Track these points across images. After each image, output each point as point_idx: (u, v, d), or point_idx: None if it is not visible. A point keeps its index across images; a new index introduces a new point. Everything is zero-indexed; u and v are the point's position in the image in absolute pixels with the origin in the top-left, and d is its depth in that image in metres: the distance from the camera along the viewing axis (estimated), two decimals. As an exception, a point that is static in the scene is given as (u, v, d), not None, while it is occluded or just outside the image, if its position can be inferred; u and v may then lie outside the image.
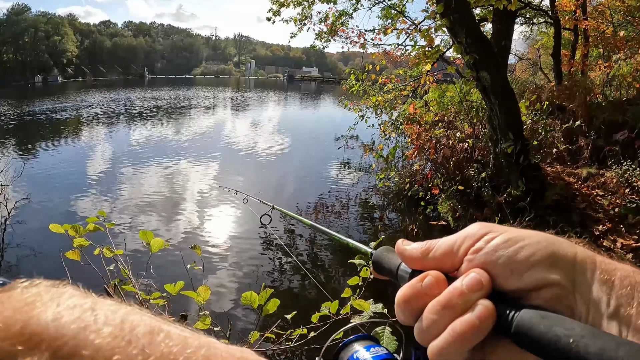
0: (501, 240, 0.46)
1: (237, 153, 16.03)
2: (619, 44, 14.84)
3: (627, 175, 8.02)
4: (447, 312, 0.44)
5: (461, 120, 10.13)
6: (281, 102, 47.49)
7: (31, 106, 28.77)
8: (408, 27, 11.22)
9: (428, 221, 8.88)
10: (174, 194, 10.48)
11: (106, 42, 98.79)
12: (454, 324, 0.43)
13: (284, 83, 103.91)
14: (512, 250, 0.45)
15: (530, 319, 0.41)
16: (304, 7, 11.87)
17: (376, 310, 1.83)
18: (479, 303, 0.43)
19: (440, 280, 0.47)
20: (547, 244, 0.45)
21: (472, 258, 0.47)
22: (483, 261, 0.46)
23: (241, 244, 7.87)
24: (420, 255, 0.51)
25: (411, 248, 0.52)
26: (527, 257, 0.44)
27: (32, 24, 72.90)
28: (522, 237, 0.46)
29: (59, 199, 9.71)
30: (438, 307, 0.45)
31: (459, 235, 0.49)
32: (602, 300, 0.42)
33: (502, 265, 0.45)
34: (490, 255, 0.46)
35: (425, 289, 0.47)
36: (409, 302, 0.48)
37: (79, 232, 2.19)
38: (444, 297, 0.45)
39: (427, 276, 0.48)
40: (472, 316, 0.42)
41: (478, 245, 0.47)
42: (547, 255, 0.44)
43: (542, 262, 0.44)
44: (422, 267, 0.51)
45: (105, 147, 16.27)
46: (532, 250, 0.45)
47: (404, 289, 0.48)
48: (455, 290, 0.44)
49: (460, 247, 0.48)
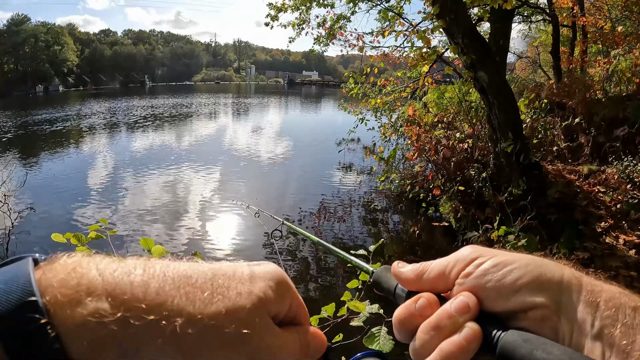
0: (490, 264, 0.49)
1: (239, 159, 16.03)
2: (618, 39, 14.80)
3: (628, 171, 8.00)
4: (437, 333, 0.47)
5: (461, 121, 10.13)
6: (282, 107, 47.43)
7: (33, 116, 28.83)
8: (406, 29, 11.21)
9: (430, 222, 8.88)
10: (175, 202, 10.50)
11: (106, 51, 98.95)
12: (443, 344, 0.46)
13: (285, 87, 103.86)
14: (500, 274, 0.47)
15: (513, 341, 0.43)
16: (301, 12, 11.89)
17: (372, 311, 1.85)
18: (467, 325, 0.46)
19: (432, 301, 0.50)
20: (534, 267, 0.47)
21: (462, 282, 0.50)
22: (472, 285, 0.49)
23: (242, 250, 7.89)
24: (415, 278, 0.53)
25: (406, 270, 0.54)
26: (514, 280, 0.47)
27: (32, 34, 73.05)
28: (510, 261, 0.48)
29: (62, 208, 9.75)
30: (429, 328, 0.48)
31: (451, 258, 0.52)
32: (587, 321, 0.44)
33: (490, 288, 0.48)
34: (479, 279, 0.48)
35: (418, 310, 0.50)
36: (404, 322, 0.51)
37: (81, 241, 2.20)
38: (434, 319, 0.48)
39: (421, 298, 0.50)
40: (459, 338, 0.45)
41: (468, 270, 0.49)
42: (533, 278, 0.46)
43: (528, 285, 0.46)
44: (417, 289, 0.53)
45: (106, 156, 16.31)
46: (519, 274, 0.47)
47: (399, 310, 0.51)
48: (444, 313, 0.47)
49: (451, 271, 0.51)
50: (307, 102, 56.68)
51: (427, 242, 8.40)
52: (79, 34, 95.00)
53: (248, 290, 0.41)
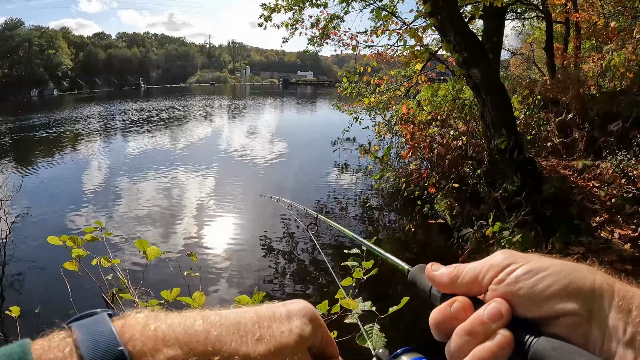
0: (522, 272, 0.50)
1: (235, 160, 16.05)
2: (611, 34, 14.81)
3: (622, 165, 8.02)
4: (470, 338, 0.48)
5: (455, 118, 10.14)
6: (278, 107, 47.40)
7: (28, 121, 28.76)
8: (399, 28, 11.22)
9: (425, 220, 8.90)
10: (172, 204, 10.50)
11: (100, 54, 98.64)
12: (475, 350, 0.47)
13: (280, 88, 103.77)
14: (532, 281, 0.48)
15: (543, 349, 0.44)
16: (295, 12, 11.88)
17: (365, 309, 1.86)
18: (499, 332, 0.47)
19: (467, 305, 0.51)
20: (566, 273, 0.48)
21: (495, 288, 0.51)
22: (505, 292, 0.50)
23: (237, 250, 7.91)
24: (449, 282, 0.55)
25: (440, 274, 0.56)
26: (546, 287, 0.48)
27: (26, 38, 72.83)
28: (542, 268, 0.49)
29: (58, 212, 9.75)
30: (463, 332, 0.49)
31: (484, 263, 0.53)
32: (619, 328, 0.44)
33: (523, 295, 0.49)
34: (511, 286, 0.49)
35: (453, 313, 0.51)
36: (440, 324, 0.52)
37: (76, 243, 2.22)
38: (468, 325, 0.49)
39: (455, 302, 0.52)
40: (492, 344, 0.47)
41: (501, 277, 0.51)
42: (565, 285, 0.47)
43: (560, 293, 0.47)
44: (450, 292, 0.55)
45: (102, 160, 16.29)
46: (551, 281, 0.48)
47: (435, 313, 0.53)
48: (478, 319, 0.49)
49: (484, 277, 0.52)
50: (302, 102, 56.63)
51: (423, 240, 8.42)
52: (73, 37, 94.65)
53: (288, 329, 0.45)
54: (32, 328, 3.22)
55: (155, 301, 2.29)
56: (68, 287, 2.56)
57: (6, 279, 6.82)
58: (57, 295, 4.61)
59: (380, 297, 1.87)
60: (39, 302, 4.80)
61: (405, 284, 0.66)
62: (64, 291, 2.66)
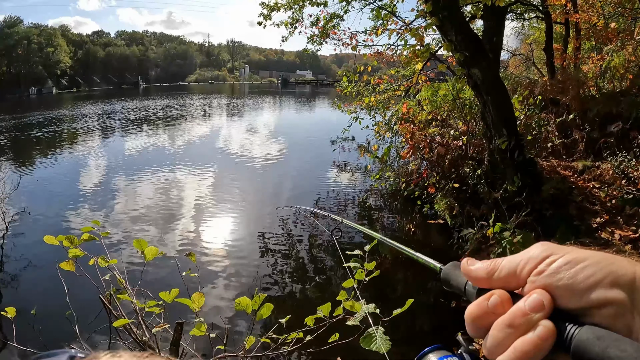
0: (562, 262, 0.48)
1: (232, 160, 16.03)
2: (611, 35, 14.82)
3: (623, 166, 8.02)
4: (511, 331, 0.47)
5: (455, 118, 10.13)
6: (276, 107, 47.46)
7: (26, 119, 28.74)
8: (399, 28, 11.21)
9: (425, 220, 8.89)
10: (170, 203, 10.47)
11: (99, 52, 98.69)
12: (517, 342, 0.46)
13: (279, 87, 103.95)
14: (573, 272, 0.47)
15: (587, 339, 0.43)
16: (294, 11, 11.87)
17: (368, 311, 1.83)
18: (541, 324, 0.46)
19: (505, 299, 0.50)
20: (606, 263, 0.47)
21: (534, 280, 0.49)
22: (545, 283, 0.48)
23: (237, 251, 7.89)
24: (486, 276, 0.53)
25: (476, 269, 0.55)
26: (587, 278, 0.46)
27: (24, 36, 72.71)
28: (582, 259, 0.48)
29: (55, 211, 9.70)
30: (503, 325, 0.48)
31: (522, 256, 0.51)
32: None
33: (563, 286, 0.47)
34: (551, 277, 0.48)
35: (491, 307, 0.50)
36: (477, 319, 0.51)
37: (73, 243, 2.19)
38: (509, 317, 0.48)
39: (493, 295, 0.51)
40: (534, 336, 0.45)
41: (540, 268, 0.49)
42: (605, 275, 0.46)
43: (601, 283, 0.45)
44: (487, 286, 0.53)
45: (101, 158, 16.29)
46: (591, 271, 0.46)
47: (472, 307, 0.52)
48: (519, 311, 0.47)
49: (523, 269, 0.50)
50: (301, 101, 56.74)
51: (422, 240, 8.41)
52: (71, 35, 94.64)
53: None
54: (28, 329, 3.21)
55: (153, 302, 2.27)
56: (65, 287, 2.54)
57: (2, 279, 6.78)
58: (54, 296, 4.56)
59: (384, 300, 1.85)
60: (35, 303, 4.78)
61: (407, 284, 0.64)
62: (61, 292, 2.63)
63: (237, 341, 3.77)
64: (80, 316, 2.82)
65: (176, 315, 2.83)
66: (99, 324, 3.69)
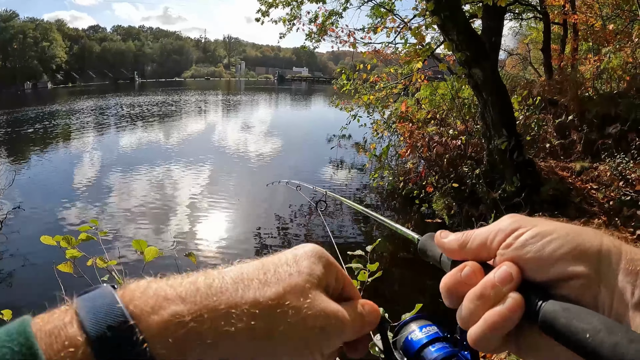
0: (529, 235, 0.49)
1: (230, 156, 16.03)
2: (609, 37, 14.88)
3: (620, 168, 8.04)
4: (481, 302, 0.48)
5: (453, 117, 10.13)
6: (272, 103, 47.47)
7: (21, 114, 28.64)
8: (398, 26, 11.20)
9: (423, 219, 8.87)
10: (166, 202, 10.42)
11: (95, 47, 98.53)
12: (487, 314, 0.47)
13: (275, 84, 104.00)
14: (539, 245, 0.47)
15: (553, 311, 0.43)
16: (292, 7, 11.85)
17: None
18: (509, 296, 0.46)
19: (476, 270, 0.51)
20: (572, 236, 0.47)
21: (503, 252, 0.50)
22: (513, 255, 0.49)
23: (235, 249, 7.87)
24: (458, 248, 0.54)
25: (449, 241, 0.55)
26: (553, 251, 0.46)
27: (20, 30, 72.44)
28: (550, 232, 0.48)
29: (51, 207, 9.64)
30: (474, 297, 0.49)
31: (492, 228, 0.52)
32: (627, 290, 0.43)
33: (530, 259, 0.48)
34: (519, 250, 0.48)
35: (464, 278, 0.51)
36: (451, 290, 0.52)
37: (70, 243, 2.14)
38: (479, 289, 0.49)
39: (466, 267, 0.51)
40: (503, 308, 0.46)
41: (508, 241, 0.50)
42: (572, 248, 0.46)
43: (567, 255, 0.46)
44: (460, 258, 0.54)
45: (97, 154, 16.24)
46: (558, 244, 0.47)
47: (446, 278, 0.52)
48: (489, 283, 0.48)
49: (493, 241, 0.51)
50: (297, 98, 56.77)
51: (420, 239, 8.38)
52: (67, 30, 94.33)
53: (297, 270, 0.46)
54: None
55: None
56: (62, 288, 2.49)
57: (0, 276, 6.71)
58: (51, 298, 4.37)
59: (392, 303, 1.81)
60: (31, 305, 4.68)
61: (409, 285, 0.62)
62: (58, 293, 2.58)
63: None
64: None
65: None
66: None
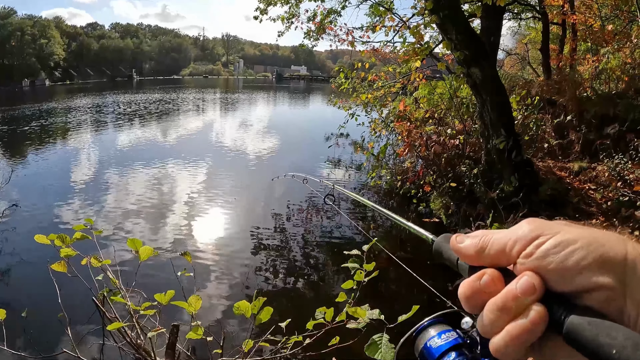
0: (551, 245, 0.47)
1: (227, 155, 16.00)
2: (607, 37, 14.89)
3: (619, 168, 8.05)
4: (503, 313, 0.46)
5: (452, 117, 10.12)
6: (271, 101, 47.44)
7: (18, 111, 28.55)
8: (396, 24, 11.18)
9: (421, 218, 8.86)
10: (161, 201, 10.38)
11: (93, 45, 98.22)
12: (510, 327, 0.45)
13: (273, 82, 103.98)
14: (562, 255, 0.45)
15: (578, 324, 0.42)
16: (291, 5, 11.83)
17: (372, 317, 1.78)
18: (532, 308, 0.45)
19: (496, 278, 0.49)
20: (596, 245, 0.45)
21: (524, 262, 0.48)
22: (535, 265, 0.47)
23: (231, 249, 7.83)
24: (475, 255, 0.52)
25: (465, 246, 0.54)
26: (577, 261, 0.45)
27: (18, 27, 72.17)
28: (572, 240, 0.46)
29: (47, 205, 9.60)
30: (495, 308, 0.47)
31: (511, 235, 0.50)
32: None
33: (553, 270, 0.46)
34: (540, 260, 0.46)
35: (483, 287, 0.49)
36: (470, 298, 0.50)
37: (65, 242, 2.12)
38: (501, 300, 0.47)
39: (484, 275, 0.50)
40: (526, 321, 0.44)
41: (529, 250, 0.48)
42: (596, 258, 0.44)
43: (592, 266, 0.44)
44: (478, 264, 0.52)
45: (94, 152, 16.19)
46: (582, 254, 0.45)
47: (464, 287, 0.51)
48: (510, 294, 0.46)
49: (512, 250, 0.49)
50: (295, 97, 56.76)
51: (418, 239, 8.35)
52: (65, 27, 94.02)
53: None
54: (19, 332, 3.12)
55: (148, 303, 2.21)
56: (57, 288, 2.47)
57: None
58: (45, 297, 4.47)
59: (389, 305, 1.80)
60: (25, 304, 4.69)
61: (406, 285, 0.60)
62: (53, 292, 2.56)
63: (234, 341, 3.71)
64: (72, 318, 2.76)
65: (171, 315, 2.78)
66: (92, 325, 3.63)
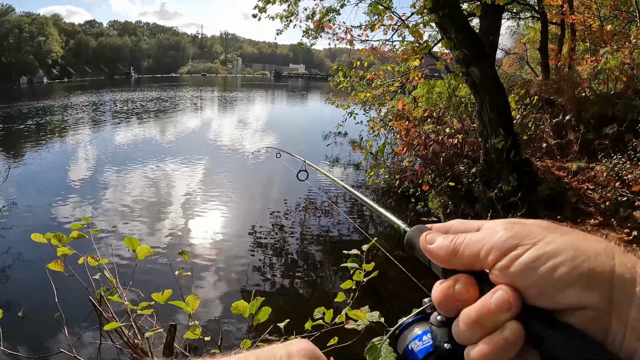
0: (530, 258, 0.42)
1: (225, 153, 15.98)
2: (606, 37, 14.89)
3: (617, 168, 8.04)
4: (477, 328, 0.44)
5: (450, 116, 10.11)
6: (269, 100, 47.39)
7: (15, 109, 28.48)
8: (395, 23, 11.16)
9: (419, 217, 8.84)
10: (158, 199, 10.35)
11: (91, 42, 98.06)
12: (484, 343, 0.43)
13: (272, 80, 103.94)
14: (543, 270, 0.41)
15: (558, 346, 0.39)
16: (290, 4, 11.79)
17: (372, 319, 1.76)
18: (507, 326, 0.42)
19: (469, 285, 0.47)
20: (582, 259, 0.41)
21: (498, 274, 0.44)
22: (511, 279, 0.43)
23: (229, 248, 7.80)
24: (447, 258, 0.49)
25: (436, 248, 0.50)
26: (559, 278, 0.41)
27: (16, 25, 72.02)
28: (554, 253, 0.42)
29: (44, 203, 9.56)
30: (469, 321, 0.44)
31: (485, 242, 0.46)
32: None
33: (532, 286, 0.42)
34: (517, 275, 0.43)
35: (456, 295, 0.47)
36: (443, 304, 0.48)
37: (62, 241, 2.11)
38: (474, 314, 0.44)
39: (457, 282, 0.47)
40: (501, 339, 0.42)
41: (505, 262, 0.44)
42: (581, 274, 0.40)
43: (576, 284, 0.40)
44: (450, 267, 0.50)
45: (92, 150, 16.14)
46: (564, 271, 0.41)
47: (437, 292, 0.49)
48: (484, 308, 0.43)
49: (486, 258, 0.45)
50: (294, 95, 56.73)
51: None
52: (63, 24, 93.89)
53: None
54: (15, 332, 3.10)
55: (145, 303, 2.19)
56: (53, 287, 2.45)
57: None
58: (42, 297, 4.43)
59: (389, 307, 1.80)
60: (22, 304, 4.68)
61: (406, 285, 0.58)
62: (49, 292, 2.54)
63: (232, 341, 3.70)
64: (69, 317, 2.74)
65: (169, 314, 2.77)
66: (89, 325, 3.61)
